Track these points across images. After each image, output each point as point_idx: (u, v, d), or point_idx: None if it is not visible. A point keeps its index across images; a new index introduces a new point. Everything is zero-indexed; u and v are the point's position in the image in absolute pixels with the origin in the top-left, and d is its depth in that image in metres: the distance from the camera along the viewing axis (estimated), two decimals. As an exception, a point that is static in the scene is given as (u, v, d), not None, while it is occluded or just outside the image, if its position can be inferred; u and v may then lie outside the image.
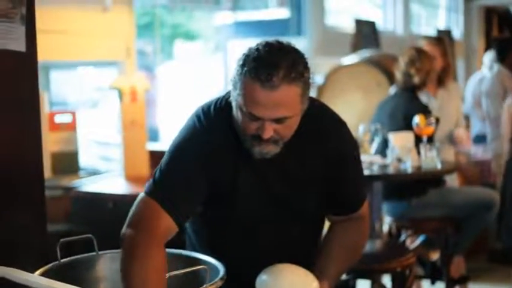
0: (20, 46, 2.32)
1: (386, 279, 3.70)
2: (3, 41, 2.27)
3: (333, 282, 2.17)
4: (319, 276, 2.10)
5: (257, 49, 1.90)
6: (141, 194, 2.04)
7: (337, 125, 2.18)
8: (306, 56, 1.97)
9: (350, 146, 2.20)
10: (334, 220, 2.28)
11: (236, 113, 1.98)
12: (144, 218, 1.99)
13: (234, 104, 1.98)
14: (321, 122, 2.13)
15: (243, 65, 1.90)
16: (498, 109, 6.18)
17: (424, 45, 4.85)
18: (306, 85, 1.93)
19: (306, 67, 1.93)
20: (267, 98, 1.87)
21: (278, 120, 1.93)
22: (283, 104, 1.89)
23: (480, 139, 7.02)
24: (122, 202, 3.79)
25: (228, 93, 2.05)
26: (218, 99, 2.12)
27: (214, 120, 2.07)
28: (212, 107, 2.10)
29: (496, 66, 6.38)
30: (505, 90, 6.23)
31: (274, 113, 1.90)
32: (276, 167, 2.07)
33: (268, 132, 1.93)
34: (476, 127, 6.74)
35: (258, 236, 2.17)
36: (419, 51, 4.59)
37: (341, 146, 2.15)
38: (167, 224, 1.98)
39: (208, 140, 2.05)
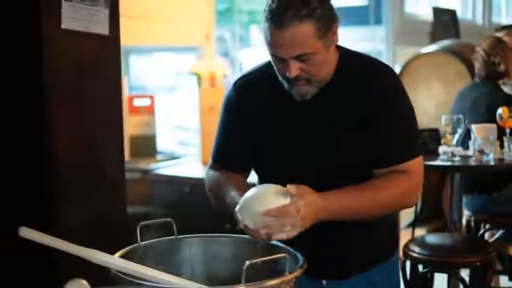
0: (104, 29, 2.34)
1: (464, 274, 3.61)
2: (87, 23, 2.29)
3: (328, 202, 1.95)
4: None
5: None
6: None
7: (380, 71, 2.15)
8: None
9: (391, 92, 2.12)
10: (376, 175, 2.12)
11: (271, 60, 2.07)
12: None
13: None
14: (361, 70, 2.12)
15: (264, 12, 1.98)
16: None
17: (503, 36, 4.71)
18: (322, 20, 1.96)
19: (321, 2, 1.97)
20: (280, 38, 1.95)
21: (299, 58, 1.97)
22: (298, 41, 1.95)
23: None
24: (198, 186, 3.79)
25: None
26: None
27: (248, 79, 2.21)
28: (245, 72, 2.26)
29: None
30: None
31: (292, 51, 1.96)
32: (317, 112, 2.10)
33: (293, 70, 1.99)
34: None
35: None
36: (500, 40, 4.47)
37: (381, 91, 2.09)
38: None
39: (241, 99, 2.19)
